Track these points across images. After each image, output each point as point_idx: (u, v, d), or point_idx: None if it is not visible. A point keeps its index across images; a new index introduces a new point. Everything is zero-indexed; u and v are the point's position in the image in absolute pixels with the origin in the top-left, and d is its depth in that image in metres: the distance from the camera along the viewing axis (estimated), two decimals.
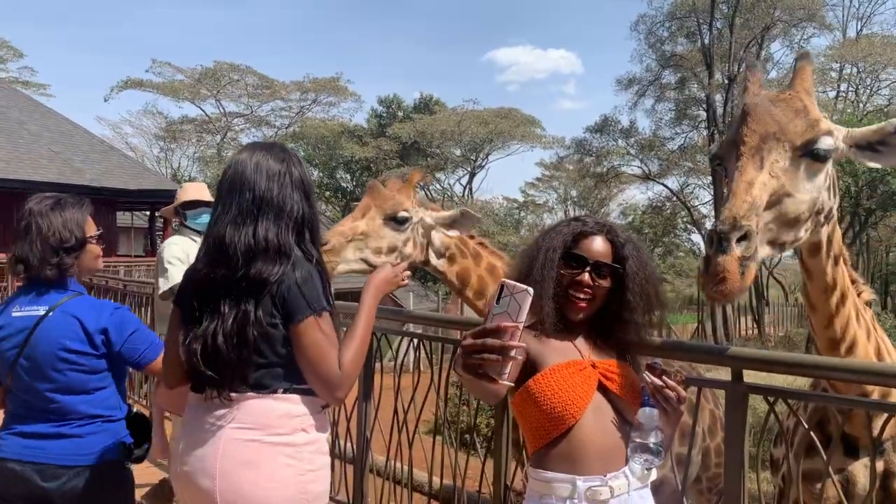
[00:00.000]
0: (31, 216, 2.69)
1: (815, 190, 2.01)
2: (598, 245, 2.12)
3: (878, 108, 38.08)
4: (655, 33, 36.84)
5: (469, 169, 46.84)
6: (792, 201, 1.95)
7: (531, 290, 1.64)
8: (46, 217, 2.69)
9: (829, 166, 2.07)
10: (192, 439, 2.19)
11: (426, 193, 45.58)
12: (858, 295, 2.46)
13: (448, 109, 45.87)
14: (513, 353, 1.61)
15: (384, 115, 47.72)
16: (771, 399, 2.28)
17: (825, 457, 2.17)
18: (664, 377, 1.94)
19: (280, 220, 2.20)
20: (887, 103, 38.77)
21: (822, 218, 2.07)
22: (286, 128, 47.52)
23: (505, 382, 1.64)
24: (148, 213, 27.08)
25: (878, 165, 2.16)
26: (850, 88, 39.06)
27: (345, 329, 2.31)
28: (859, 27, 39.46)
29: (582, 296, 2.08)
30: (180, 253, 4.58)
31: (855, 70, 37.77)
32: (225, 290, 2.16)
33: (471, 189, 46.39)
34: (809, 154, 2.00)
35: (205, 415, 2.19)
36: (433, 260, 3.97)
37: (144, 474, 4.65)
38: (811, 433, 2.27)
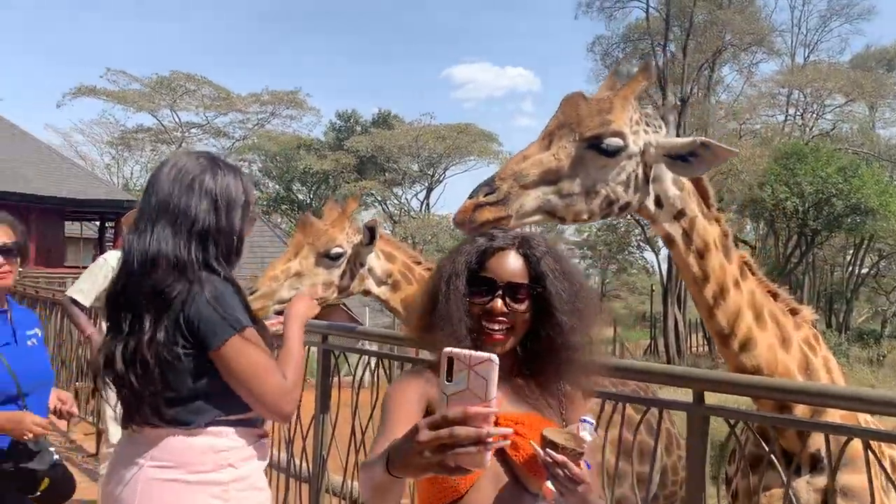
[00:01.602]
0: None
1: (601, 180, 2.21)
2: (508, 263, 1.75)
3: (823, 131, 39.38)
4: (611, 54, 37.52)
5: (427, 184, 46.91)
6: (570, 182, 2.19)
7: (495, 357, 1.27)
8: None
9: (628, 164, 2.24)
10: (115, 477, 2.01)
11: (383, 208, 45.56)
12: (793, 311, 2.58)
13: (406, 124, 45.95)
14: (498, 443, 1.27)
15: (342, 128, 47.61)
16: (732, 421, 2.29)
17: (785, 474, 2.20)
18: (549, 451, 1.57)
19: (177, 228, 1.99)
20: (832, 127, 40.13)
21: (615, 208, 2.27)
22: (243, 139, 47.04)
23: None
24: (98, 222, 26.42)
25: (686, 175, 2.34)
26: (798, 113, 40.25)
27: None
28: (807, 54, 40.87)
29: (497, 326, 1.71)
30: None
31: (802, 95, 38.94)
32: (128, 305, 1.97)
33: (428, 204, 46.43)
34: (595, 147, 2.19)
35: (128, 450, 2.02)
36: (374, 289, 3.95)
37: None
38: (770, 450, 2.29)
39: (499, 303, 1.71)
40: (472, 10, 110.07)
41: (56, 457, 2.69)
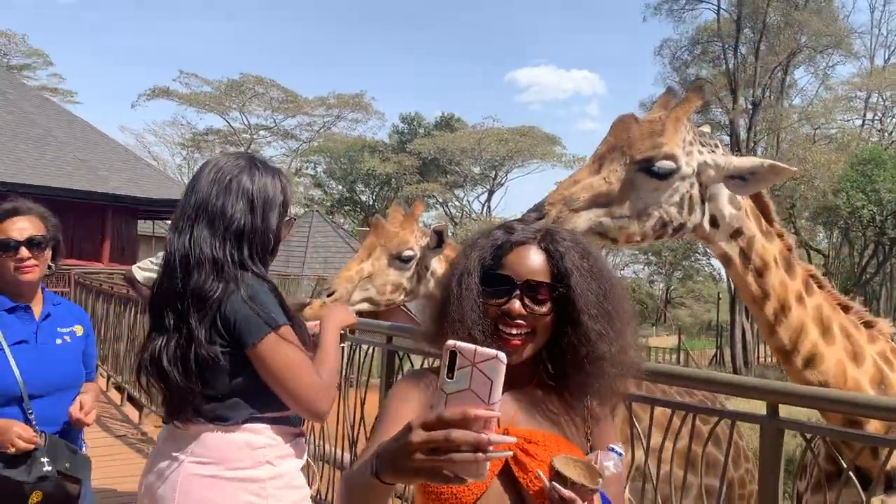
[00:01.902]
0: None
1: (654, 202, 2.18)
2: (528, 259, 1.54)
3: None
4: (680, 57, 36.82)
5: (488, 186, 46.91)
6: (620, 205, 2.17)
7: (502, 355, 1.13)
8: None
9: (681, 186, 2.21)
10: (155, 473, 2.03)
11: (444, 210, 45.74)
12: (868, 324, 2.49)
13: (468, 127, 46.05)
14: (497, 453, 1.12)
15: (405, 131, 48.02)
16: (808, 436, 2.21)
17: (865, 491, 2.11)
18: (556, 484, 1.38)
19: (214, 228, 2.01)
20: None
21: (669, 229, 2.23)
22: (309, 142, 47.94)
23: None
24: (169, 221, 27.27)
25: (742, 193, 2.30)
26: (876, 117, 38.75)
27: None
28: (887, 56, 39.25)
29: (514, 331, 1.50)
30: None
31: (881, 99, 37.48)
32: (170, 304, 2.00)
33: (489, 207, 46.40)
34: (646, 170, 2.16)
35: (169, 446, 2.04)
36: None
37: None
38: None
39: (516, 304, 1.50)
40: (537, 12, 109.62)
41: (48, 468, 2.50)
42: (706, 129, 2.47)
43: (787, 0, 32.73)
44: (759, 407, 2.27)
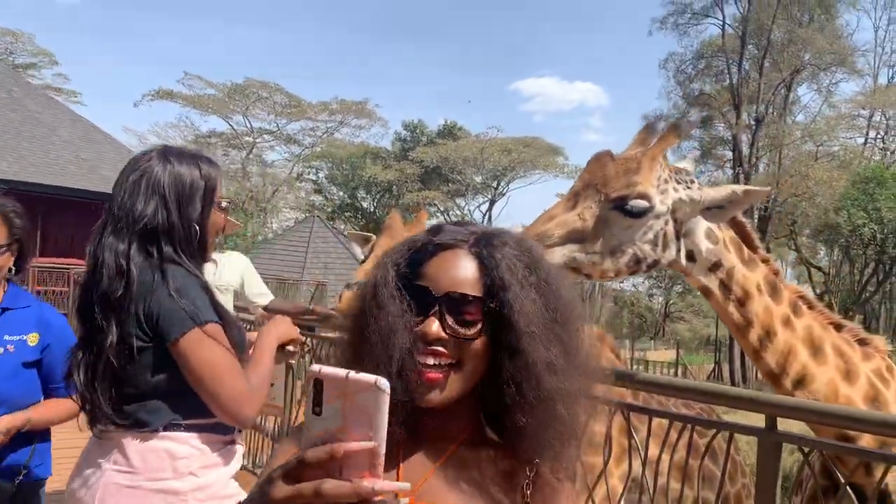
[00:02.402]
0: None
1: (628, 240, 2.20)
2: (454, 267, 1.16)
3: None
4: (684, 71, 36.94)
5: (490, 196, 46.96)
6: (594, 242, 2.19)
7: (384, 382, 0.87)
8: None
9: (655, 224, 2.23)
10: (80, 478, 1.96)
11: (445, 219, 45.74)
12: (862, 341, 2.49)
13: (471, 136, 46.14)
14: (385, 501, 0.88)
15: (408, 139, 48.11)
16: (806, 449, 2.21)
17: None
18: None
19: (120, 231, 1.94)
20: None
21: (643, 265, 2.25)
22: (312, 147, 48.03)
23: None
24: None
25: (720, 220, 2.32)
26: (879, 136, 38.81)
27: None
28: (891, 74, 39.34)
29: (431, 360, 1.12)
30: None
31: (884, 118, 37.55)
32: (86, 315, 1.94)
33: (490, 216, 46.43)
34: (619, 209, 2.19)
35: (94, 452, 1.96)
36: None
37: None
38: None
39: (433, 324, 1.11)
40: (543, 23, 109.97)
41: None
42: (687, 164, 2.50)
43: (792, 17, 32.84)
44: (756, 421, 2.27)
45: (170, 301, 1.86)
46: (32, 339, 2.54)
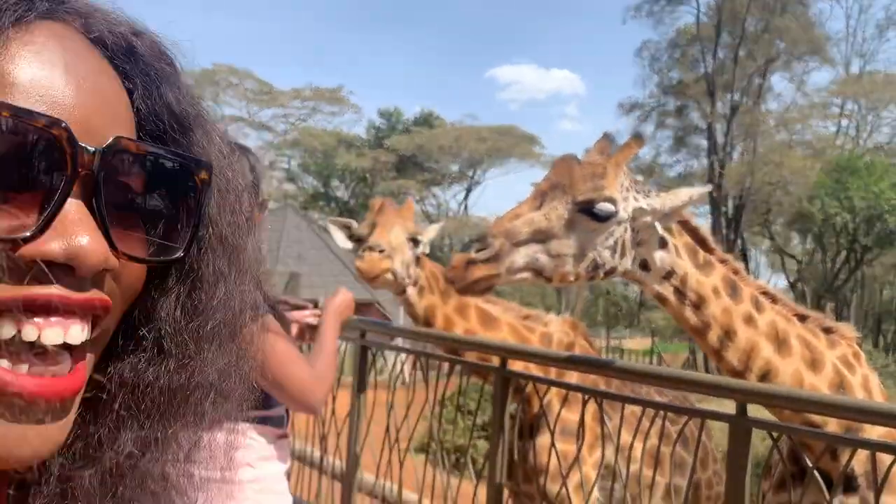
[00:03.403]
0: None
1: (590, 244, 2.22)
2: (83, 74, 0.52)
3: (878, 145, 38.40)
4: (659, 59, 37.14)
5: (466, 185, 46.95)
6: (558, 243, 2.20)
7: None
8: None
9: (616, 230, 2.26)
10: None
11: (420, 208, 45.71)
12: (828, 330, 2.52)
13: (447, 124, 46.07)
14: None
15: (383, 127, 47.92)
16: (775, 435, 2.22)
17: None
18: None
19: None
20: (888, 140, 39.11)
21: (601, 272, 2.27)
22: (284, 134, 47.69)
23: None
24: None
25: (671, 221, 2.37)
26: (851, 125, 39.34)
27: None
28: (862, 64, 39.83)
29: (51, 339, 0.49)
30: None
31: (856, 106, 38.05)
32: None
33: (466, 205, 46.47)
34: (587, 212, 2.21)
35: None
36: (410, 288, 3.63)
37: None
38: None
39: (79, 237, 0.48)
40: (520, 11, 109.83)
41: None
42: (639, 178, 2.55)
43: (766, 6, 33.12)
44: (729, 408, 2.28)
45: None
46: None
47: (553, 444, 2.90)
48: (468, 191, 46.96)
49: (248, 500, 1.87)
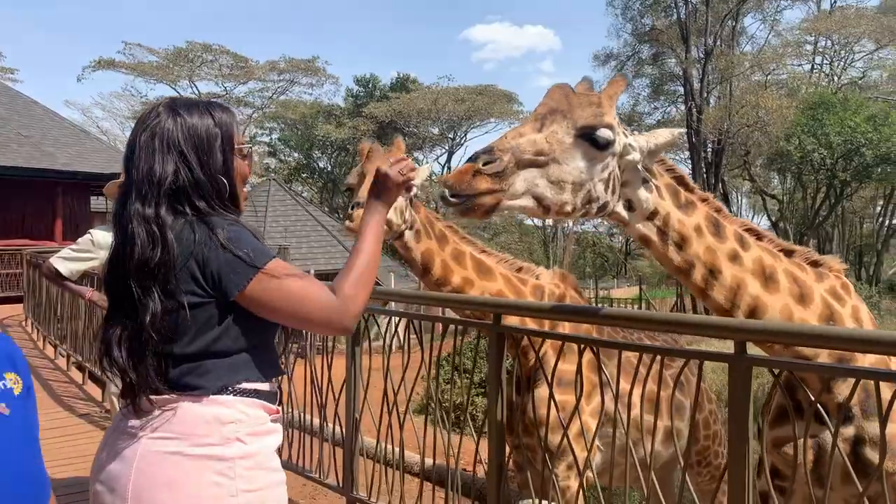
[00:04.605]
0: None
1: (587, 172, 2.17)
2: None
3: (853, 80, 38.42)
4: (632, 8, 36.76)
5: (447, 147, 46.68)
6: (558, 168, 2.13)
7: None
8: None
9: (612, 163, 2.22)
10: (109, 452, 1.84)
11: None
12: (815, 263, 2.53)
13: (424, 88, 45.64)
14: None
15: (361, 94, 47.42)
16: (776, 371, 2.22)
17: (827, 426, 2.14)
18: None
19: (144, 195, 1.83)
20: (861, 75, 39.13)
21: (594, 206, 2.23)
22: (263, 109, 47.11)
23: None
24: None
25: (653, 160, 2.36)
26: (825, 62, 39.27)
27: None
28: (834, 0, 39.61)
29: None
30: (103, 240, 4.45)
31: (829, 43, 37.94)
32: (121, 288, 1.83)
33: (449, 168, 46.19)
34: (587, 138, 2.16)
35: (126, 422, 1.83)
36: (407, 233, 3.59)
37: None
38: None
39: None
40: None
41: None
42: None
43: None
44: (721, 349, 2.28)
45: (225, 254, 1.78)
46: (14, 383, 1.83)
47: (552, 396, 2.90)
48: (451, 153, 46.70)
49: (240, 477, 1.78)
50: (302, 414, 4.29)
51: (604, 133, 2.16)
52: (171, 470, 1.75)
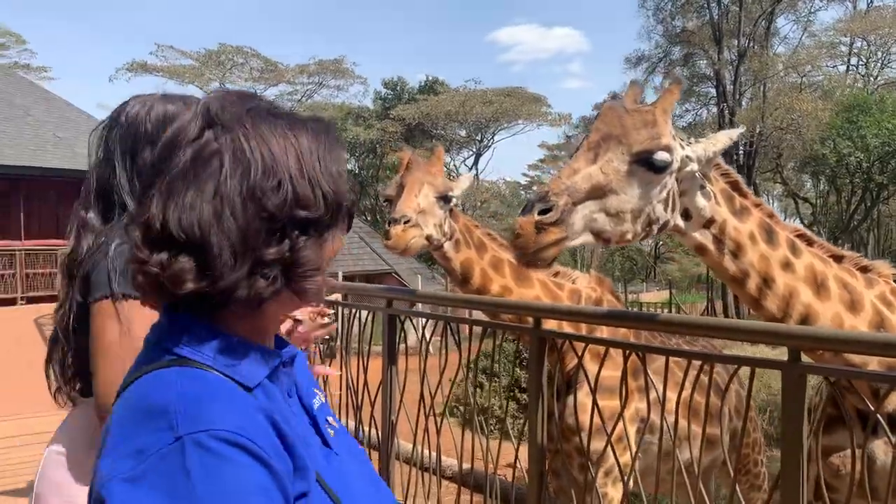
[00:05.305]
0: None
1: (646, 198, 2.10)
2: None
3: (889, 80, 37.69)
4: (664, 9, 36.44)
5: (475, 149, 46.67)
6: (617, 199, 2.06)
7: None
8: None
9: (670, 182, 2.14)
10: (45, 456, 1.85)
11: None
12: (864, 269, 2.48)
13: (452, 90, 45.69)
14: None
15: (389, 97, 47.59)
16: (832, 379, 2.16)
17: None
18: None
19: (84, 196, 1.87)
20: None
21: (655, 228, 2.16)
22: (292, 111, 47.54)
23: None
24: None
25: (705, 171, 2.29)
26: (861, 62, 38.60)
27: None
28: (870, 0, 38.92)
29: None
30: None
31: (865, 44, 37.28)
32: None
33: (477, 170, 46.21)
34: (644, 163, 2.08)
35: (67, 428, 1.85)
36: (447, 244, 3.46)
37: None
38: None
39: None
40: None
41: None
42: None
43: None
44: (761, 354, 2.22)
45: (105, 262, 1.70)
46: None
47: (595, 402, 2.86)
48: (478, 155, 46.70)
49: None
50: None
51: (661, 156, 2.09)
52: (61, 475, 1.75)
